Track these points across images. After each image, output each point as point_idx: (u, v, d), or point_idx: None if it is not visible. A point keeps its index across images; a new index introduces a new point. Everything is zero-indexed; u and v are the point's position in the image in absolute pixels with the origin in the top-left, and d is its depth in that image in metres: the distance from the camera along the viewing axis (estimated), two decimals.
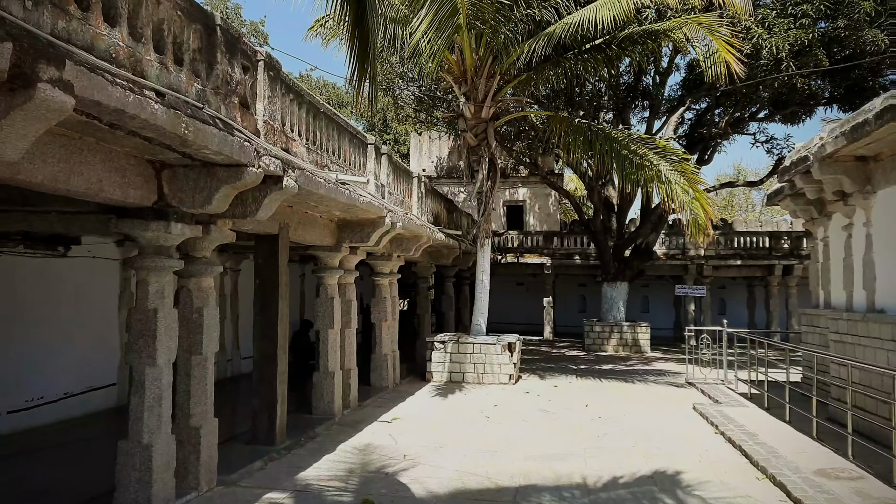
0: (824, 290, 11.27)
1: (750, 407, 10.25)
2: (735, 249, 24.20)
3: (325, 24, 15.09)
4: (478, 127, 13.78)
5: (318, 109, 8.27)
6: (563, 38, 12.13)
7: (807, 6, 13.56)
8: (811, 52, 13.82)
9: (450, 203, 17.60)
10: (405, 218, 10.95)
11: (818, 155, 8.62)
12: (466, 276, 22.27)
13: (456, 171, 30.82)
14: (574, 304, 29.94)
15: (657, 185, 12.94)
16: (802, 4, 13.66)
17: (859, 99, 19.03)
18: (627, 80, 19.76)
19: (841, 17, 13.65)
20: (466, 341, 13.91)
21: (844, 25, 13.60)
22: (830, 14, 13.76)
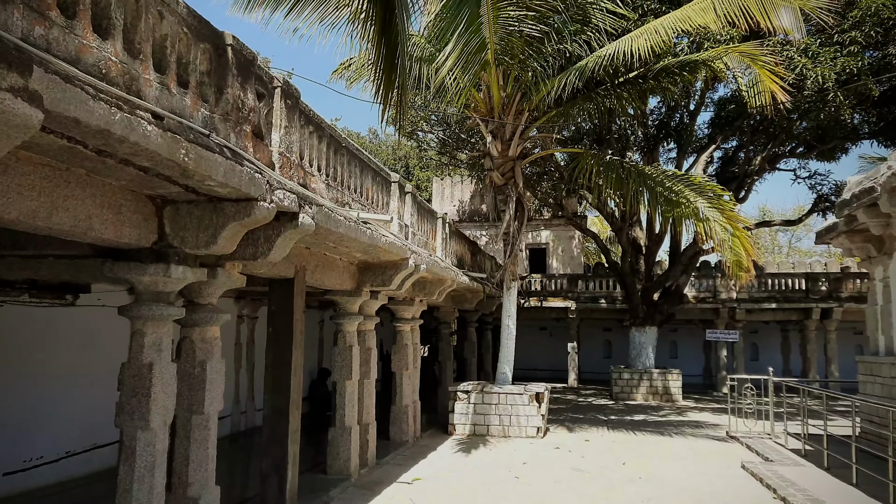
0: (885, 335, 10.35)
1: (807, 466, 9.26)
2: (769, 292, 23.18)
3: (349, 66, 14.72)
4: (505, 166, 13.18)
5: (340, 144, 7.69)
6: (596, 70, 11.58)
7: (855, 33, 12.92)
8: (859, 81, 13.13)
9: (474, 245, 16.94)
10: (429, 260, 10.27)
11: (888, 185, 7.85)
12: (489, 320, 21.48)
13: (478, 214, 30.34)
14: (599, 350, 28.88)
15: (695, 223, 12.25)
16: (850, 31, 13.02)
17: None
18: (658, 117, 19.17)
19: (892, 44, 12.99)
20: (491, 391, 13.04)
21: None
22: (881, 41, 13.10)
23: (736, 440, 12.12)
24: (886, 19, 12.80)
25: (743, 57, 11.68)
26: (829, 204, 19.05)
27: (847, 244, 10.79)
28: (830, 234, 11.13)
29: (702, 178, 13.48)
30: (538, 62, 12.16)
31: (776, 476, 8.50)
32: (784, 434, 11.29)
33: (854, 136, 17.08)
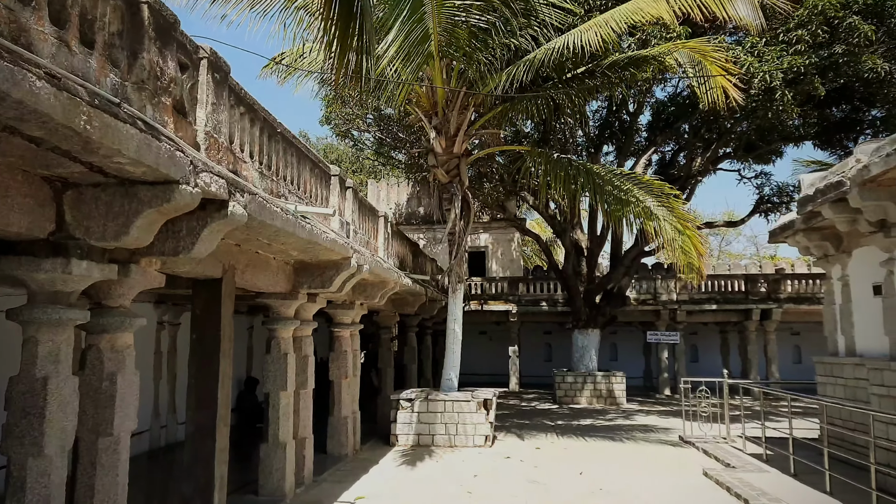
0: (846, 335, 10.29)
1: (772, 472, 9.03)
2: (709, 293, 23.45)
3: (282, 59, 13.86)
4: (449, 163, 12.62)
5: (275, 129, 6.94)
6: (545, 63, 11.16)
7: (802, 31, 12.97)
8: (806, 81, 13.18)
9: (415, 246, 16.31)
10: (372, 260, 9.59)
11: (858, 178, 7.66)
12: (430, 325, 20.90)
13: (415, 217, 29.76)
14: (540, 354, 28.70)
15: (644, 222, 11.98)
16: (797, 30, 13.06)
17: (839, 135, 18.75)
18: (601, 118, 19.06)
19: (838, 43, 13.09)
20: (436, 399, 12.42)
21: (842, 51, 13.03)
22: (827, 40, 13.19)
23: (691, 445, 11.89)
24: (832, 18, 12.90)
25: (693, 53, 11.53)
26: (770, 205, 19.34)
27: (804, 242, 10.71)
28: (786, 232, 11.03)
29: (650, 177, 13.27)
30: (484, 55, 11.67)
31: (743, 484, 8.19)
32: (741, 438, 11.12)
33: (796, 138, 17.33)
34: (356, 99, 18.14)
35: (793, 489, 8.04)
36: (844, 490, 7.53)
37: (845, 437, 9.63)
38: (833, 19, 13.11)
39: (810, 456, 8.99)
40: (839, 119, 17.72)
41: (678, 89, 19.13)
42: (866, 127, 17.31)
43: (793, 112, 13.59)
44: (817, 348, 27.25)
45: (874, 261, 9.39)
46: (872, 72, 13.52)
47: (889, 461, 7.99)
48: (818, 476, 8.10)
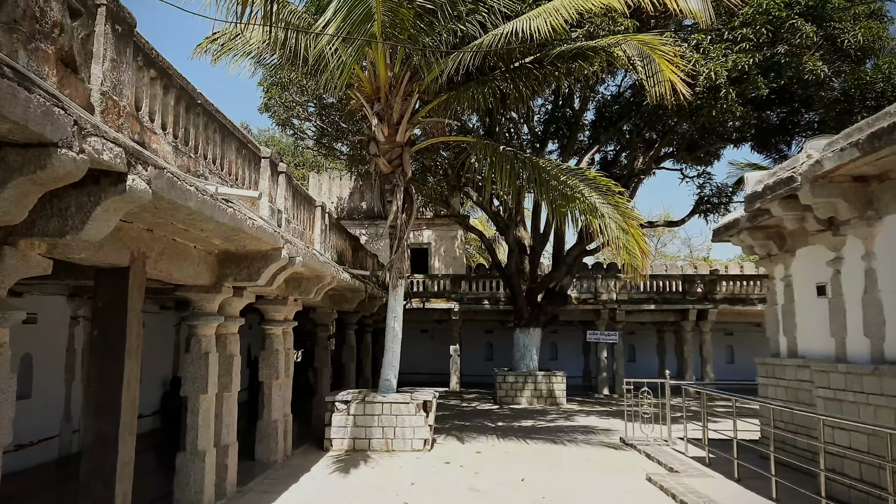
0: (788, 336, 10.15)
1: (716, 478, 8.76)
2: (648, 293, 23.55)
3: (215, 39, 12.93)
4: (392, 152, 11.99)
5: (194, 100, 6.18)
6: (492, 49, 10.67)
7: (747, 30, 12.88)
8: (749, 80, 13.11)
9: (355, 240, 15.60)
10: (306, 252, 8.87)
11: (810, 174, 7.41)
12: (369, 322, 20.24)
13: (357, 211, 28.99)
14: (481, 352, 28.37)
15: (590, 220, 11.63)
16: (742, 28, 12.98)
17: (775, 139, 19.00)
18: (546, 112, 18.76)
19: (781, 43, 13.06)
20: (374, 400, 11.77)
21: (785, 52, 13.00)
22: (771, 40, 13.15)
23: (633, 447, 11.61)
24: (776, 18, 12.87)
25: (642, 46, 11.23)
26: (710, 205, 19.43)
27: (749, 241, 10.53)
28: (730, 230, 10.84)
29: (596, 174, 12.96)
30: (430, 39, 11.09)
31: (689, 491, 7.86)
32: (683, 440, 10.89)
33: (736, 140, 17.42)
34: (296, 84, 17.31)
35: (739, 496, 7.76)
36: (791, 497, 7.29)
37: (786, 440, 9.51)
38: (777, 19, 13.10)
39: (753, 459, 8.80)
40: (776, 123, 17.96)
41: (622, 88, 19.06)
42: (802, 130, 17.55)
43: (737, 110, 13.53)
44: (750, 349, 28.07)
45: (818, 260, 9.26)
46: (812, 74, 13.59)
47: (835, 466, 7.81)
48: (763, 481, 7.86)
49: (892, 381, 6.90)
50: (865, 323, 7.69)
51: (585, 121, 19.07)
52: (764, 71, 13.41)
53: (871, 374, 7.26)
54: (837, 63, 14.35)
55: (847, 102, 14.86)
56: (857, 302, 7.91)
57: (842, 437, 7.88)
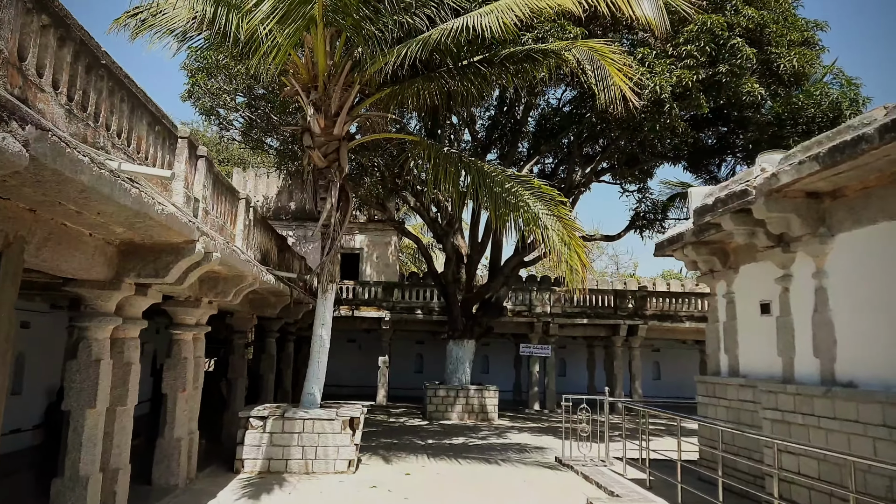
0: (730, 354, 9.83)
1: (657, 502, 8.25)
2: (581, 307, 23.34)
3: (136, 14, 11.72)
4: (328, 145, 11.09)
5: (98, 58, 5.18)
6: (441, 44, 10.01)
7: (691, 46, 12.71)
8: (692, 97, 12.92)
9: (282, 240, 14.54)
10: (226, 248, 7.87)
11: (765, 188, 7.04)
12: (293, 330, 19.08)
13: (285, 212, 27.73)
14: (411, 364, 27.51)
15: (533, 230, 11.08)
16: (686, 45, 12.80)
17: (707, 160, 19.14)
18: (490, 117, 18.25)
19: (723, 63, 12.93)
20: (294, 417, 10.73)
21: (726, 71, 12.88)
22: (713, 59, 13.02)
23: (570, 468, 11.05)
24: (718, 37, 12.76)
25: (592, 52, 10.82)
26: (646, 221, 19.35)
27: (693, 256, 10.21)
28: (674, 244, 10.51)
29: (541, 182, 12.45)
30: (375, 28, 10.30)
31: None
32: (622, 461, 10.39)
33: (673, 158, 17.36)
34: (225, 70, 16.15)
35: None
36: None
37: (727, 462, 9.18)
38: (719, 38, 13.03)
39: (693, 482, 8.44)
40: (711, 143, 18.08)
41: (561, 102, 18.80)
42: (733, 152, 17.72)
43: (679, 126, 13.36)
44: (676, 365, 28.35)
45: (763, 278, 9.00)
46: (750, 95, 13.59)
47: (782, 492, 7.44)
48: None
49: (846, 404, 6.56)
50: (815, 343, 7.39)
51: (528, 129, 18.66)
52: (705, 89, 13.30)
53: (823, 396, 6.92)
54: (773, 87, 14.44)
55: (778, 126, 14.98)
56: (806, 321, 7.60)
57: (790, 461, 7.54)
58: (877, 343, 6.37)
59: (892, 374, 6.09)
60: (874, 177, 6.20)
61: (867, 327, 6.50)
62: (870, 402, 6.16)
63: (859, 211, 6.56)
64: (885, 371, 6.18)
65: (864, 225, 6.51)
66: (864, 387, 6.45)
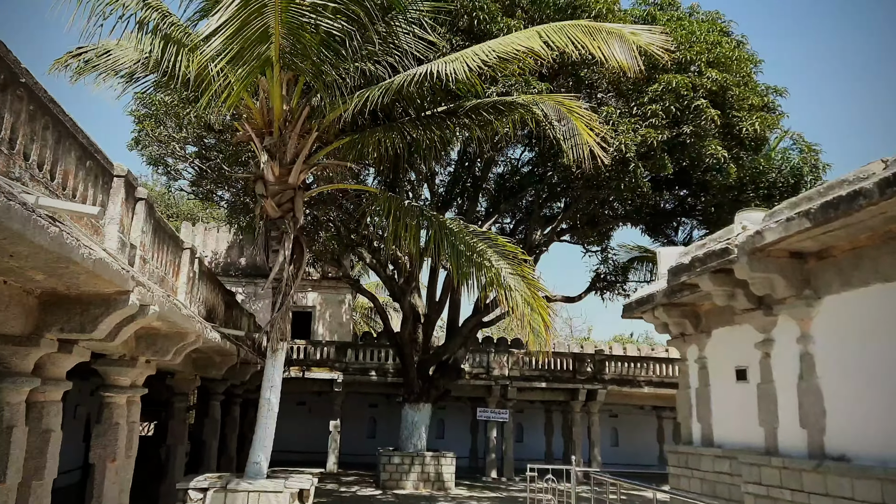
0: (703, 422, 9.34)
1: None
2: (540, 371, 22.74)
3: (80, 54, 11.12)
4: (283, 195, 10.47)
5: (17, 77, 4.54)
6: (404, 91, 9.66)
7: (656, 106, 12.69)
8: (656, 156, 12.84)
9: (230, 295, 13.70)
10: (165, 302, 7.10)
11: (748, 246, 6.70)
12: (239, 393, 17.97)
13: (234, 268, 26.75)
14: (363, 429, 26.27)
15: (497, 290, 10.57)
16: (651, 104, 12.80)
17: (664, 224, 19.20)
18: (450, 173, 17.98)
19: (687, 124, 12.94)
20: (237, 489, 9.70)
21: (690, 132, 12.87)
22: (676, 119, 13.03)
23: None
24: (683, 97, 12.81)
25: (560, 106, 10.64)
26: (606, 283, 19.11)
27: (664, 318, 9.81)
28: (644, 306, 10.12)
29: (504, 239, 12.04)
30: (336, 73, 9.92)
31: None
32: None
33: (634, 220, 17.30)
34: (174, 117, 15.52)
35: None
36: None
37: None
38: (684, 98, 13.08)
39: None
40: (671, 206, 18.16)
41: (520, 163, 18.74)
42: (695, 216, 17.81)
43: (644, 186, 13.23)
44: (633, 431, 27.81)
45: (739, 342, 8.64)
46: (713, 157, 13.61)
47: None
48: None
49: (840, 479, 6.08)
50: (802, 413, 6.95)
51: (489, 186, 18.42)
52: (669, 150, 13.29)
53: (814, 470, 6.44)
54: (734, 150, 14.55)
55: (739, 190, 15.04)
56: (790, 389, 7.19)
57: None
58: (871, 414, 5.97)
59: (890, 448, 5.67)
60: (865, 236, 5.92)
61: (860, 397, 6.11)
62: (866, 477, 5.71)
63: (849, 272, 6.26)
64: (881, 444, 5.76)
65: (854, 287, 6.20)
66: (858, 461, 6.00)
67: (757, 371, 7.78)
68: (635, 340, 44.45)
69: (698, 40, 13.08)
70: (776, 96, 14.52)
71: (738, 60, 13.83)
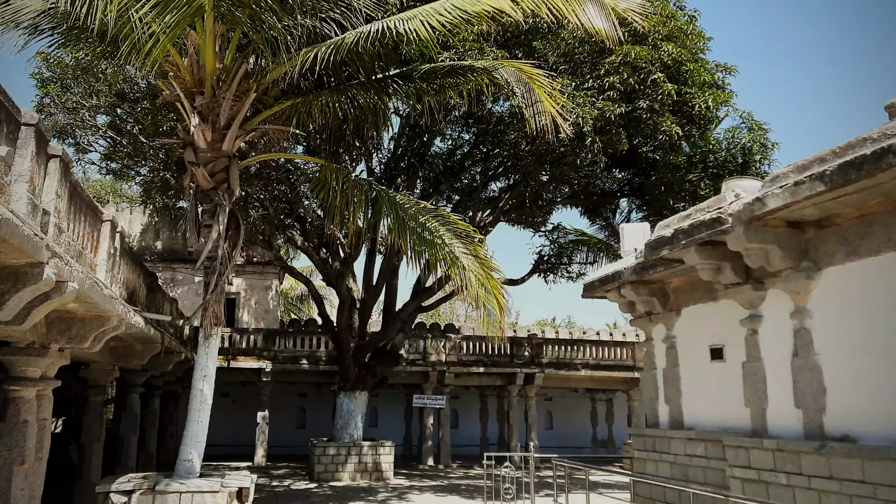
0: (672, 404, 8.99)
1: None
2: (477, 355, 22.27)
3: None
4: (216, 163, 9.37)
5: None
6: (360, 46, 8.76)
7: (613, 78, 12.25)
8: (613, 132, 12.42)
9: (152, 278, 12.38)
10: (86, 279, 6.01)
11: (745, 215, 6.26)
12: (159, 384, 16.59)
13: (150, 252, 24.91)
14: (292, 420, 25.11)
15: (450, 269, 9.89)
16: (607, 77, 12.35)
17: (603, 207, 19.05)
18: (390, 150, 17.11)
19: (643, 98, 12.57)
20: (168, 489, 8.64)
21: (646, 107, 12.51)
22: (633, 93, 12.64)
23: None
24: (641, 69, 12.43)
25: (520, 73, 10.02)
26: (549, 265, 18.76)
27: (631, 296, 9.39)
28: (608, 284, 9.68)
29: (456, 217, 11.34)
30: (280, 23, 8.88)
31: None
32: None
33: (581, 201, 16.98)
34: (84, 83, 13.94)
35: None
36: None
37: None
38: (640, 71, 12.72)
39: None
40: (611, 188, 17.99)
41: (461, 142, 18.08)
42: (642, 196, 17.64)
43: (601, 162, 12.82)
44: (567, 414, 27.88)
45: (714, 319, 8.34)
46: (666, 134, 13.36)
47: None
48: None
49: (848, 462, 5.76)
50: (797, 391, 6.62)
51: (431, 165, 17.65)
52: (624, 125, 12.91)
53: (816, 452, 6.11)
54: (686, 127, 14.36)
55: (688, 168, 14.89)
56: (782, 367, 6.86)
57: None
58: (881, 391, 5.65)
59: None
60: (877, 202, 5.57)
61: (866, 373, 5.80)
62: (880, 458, 5.38)
63: (855, 241, 5.91)
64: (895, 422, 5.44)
65: (861, 257, 5.85)
66: (865, 441, 5.70)
67: (740, 349, 7.44)
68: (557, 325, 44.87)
69: (655, 11, 12.73)
70: (726, 74, 14.41)
71: (691, 36, 13.61)
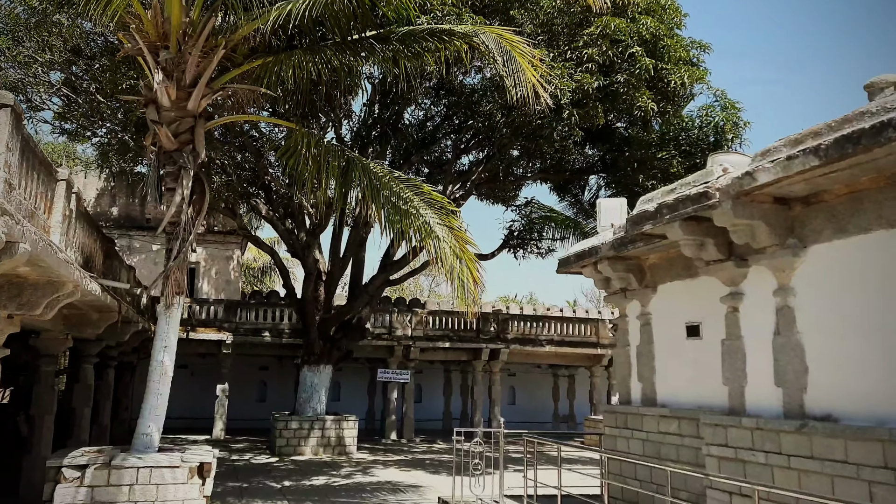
0: (645, 381, 8.92)
1: None
2: (443, 331, 22.12)
3: None
4: (181, 123, 8.87)
5: None
6: (336, 3, 8.33)
7: (592, 50, 12.01)
8: (590, 105, 12.21)
9: (109, 244, 11.78)
10: (39, 241, 5.56)
11: (733, 189, 6.11)
12: (114, 355, 15.98)
13: (106, 218, 24.01)
14: (253, 393, 24.69)
15: (423, 240, 9.63)
16: (586, 49, 12.11)
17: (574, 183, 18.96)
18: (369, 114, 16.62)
19: (621, 72, 12.37)
20: (124, 464, 8.24)
21: (623, 81, 12.32)
22: (611, 66, 12.43)
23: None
24: (620, 42, 12.22)
25: (501, 40, 9.71)
26: (519, 241, 18.62)
27: (608, 272, 9.25)
28: (584, 259, 9.51)
29: (430, 188, 11.04)
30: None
31: None
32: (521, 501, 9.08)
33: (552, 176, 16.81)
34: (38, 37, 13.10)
35: None
36: None
37: (640, 498, 8.29)
38: (619, 44, 12.52)
39: None
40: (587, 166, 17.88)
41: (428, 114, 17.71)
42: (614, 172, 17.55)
43: (577, 135, 12.63)
44: (530, 390, 28.04)
45: (691, 297, 8.25)
46: (642, 110, 13.23)
47: None
48: None
49: (830, 441, 5.70)
50: (778, 370, 6.55)
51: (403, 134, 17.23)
52: (601, 99, 12.71)
53: (797, 431, 6.05)
54: (661, 104, 14.25)
55: (660, 145, 14.81)
56: (763, 345, 6.77)
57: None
58: (865, 371, 5.59)
59: (891, 407, 5.31)
60: (868, 178, 5.46)
61: (851, 353, 5.72)
62: (864, 439, 5.32)
63: (844, 218, 5.80)
64: (880, 403, 5.39)
65: (850, 235, 5.75)
66: (848, 421, 5.64)
67: (720, 327, 7.35)
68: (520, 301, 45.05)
69: None
70: (700, 52, 14.32)
71: (668, 10, 13.45)
